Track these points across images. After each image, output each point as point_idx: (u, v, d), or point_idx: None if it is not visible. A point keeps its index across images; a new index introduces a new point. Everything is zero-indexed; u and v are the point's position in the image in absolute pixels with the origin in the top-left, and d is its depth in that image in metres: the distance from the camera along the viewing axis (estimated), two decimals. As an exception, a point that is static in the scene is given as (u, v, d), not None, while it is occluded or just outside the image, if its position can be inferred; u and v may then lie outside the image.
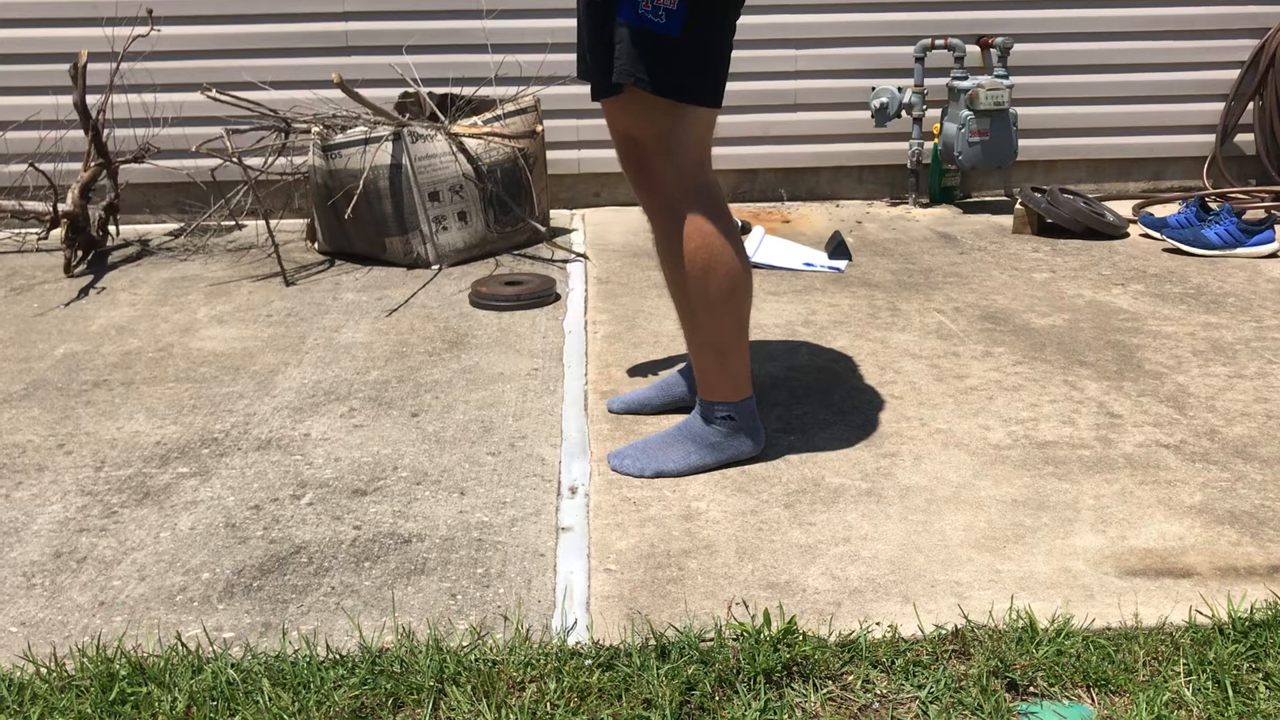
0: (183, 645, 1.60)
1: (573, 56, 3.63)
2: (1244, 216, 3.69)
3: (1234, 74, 4.44)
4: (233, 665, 1.54)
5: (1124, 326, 2.94)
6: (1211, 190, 4.36)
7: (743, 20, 4.23)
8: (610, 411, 2.42)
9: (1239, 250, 3.57)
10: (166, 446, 2.31)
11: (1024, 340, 2.84)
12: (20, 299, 3.38)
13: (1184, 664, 1.53)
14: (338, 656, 1.57)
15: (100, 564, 1.85)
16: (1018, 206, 3.99)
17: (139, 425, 2.42)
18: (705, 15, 1.90)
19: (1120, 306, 3.11)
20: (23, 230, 4.05)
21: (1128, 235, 3.89)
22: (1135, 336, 2.86)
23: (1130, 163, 4.58)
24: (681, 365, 2.45)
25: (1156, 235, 3.77)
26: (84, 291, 3.45)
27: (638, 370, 2.66)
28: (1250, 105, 4.46)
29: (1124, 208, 4.22)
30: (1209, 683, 1.50)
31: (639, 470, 2.13)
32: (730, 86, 4.32)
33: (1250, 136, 4.50)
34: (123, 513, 2.03)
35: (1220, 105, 4.48)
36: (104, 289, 3.48)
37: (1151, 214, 3.94)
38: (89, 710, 1.45)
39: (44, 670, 1.54)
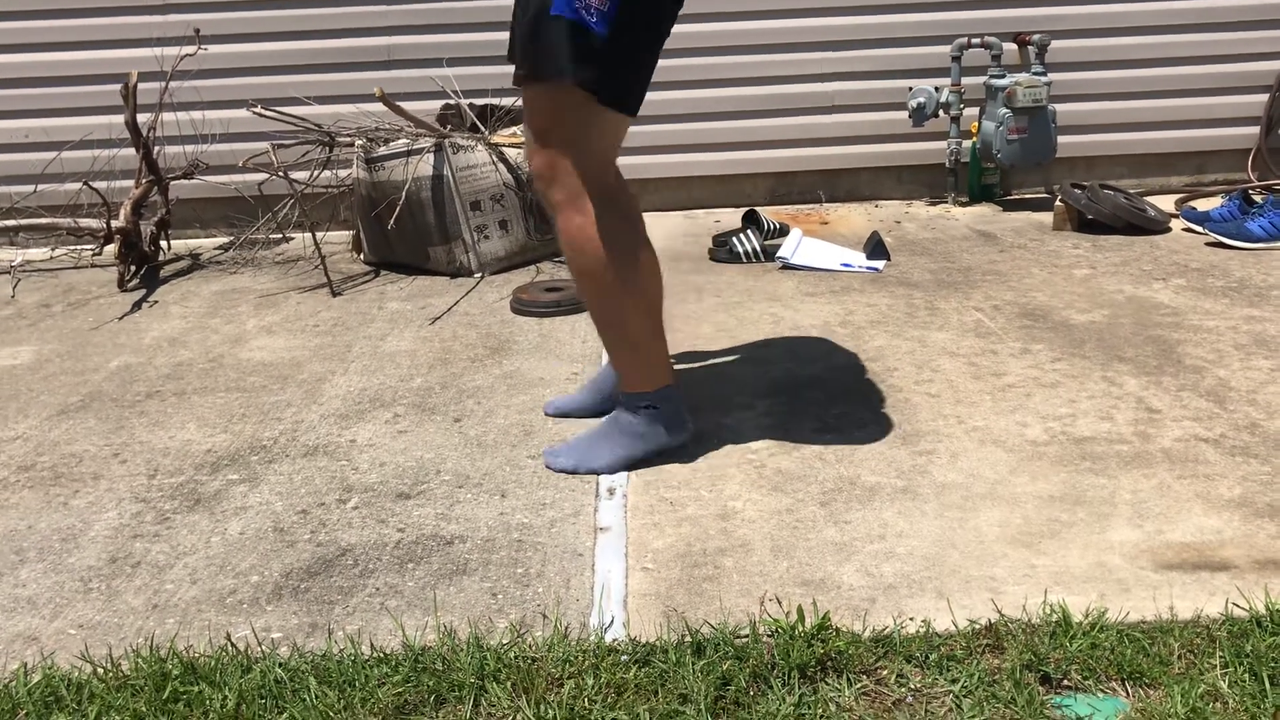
0: (233, 645, 1.65)
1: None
2: (1289, 208, 3.65)
3: (1277, 64, 4.39)
4: (281, 664, 1.59)
5: (1164, 321, 2.93)
6: (1256, 183, 4.31)
7: (781, 24, 4.32)
8: (546, 414, 2.48)
9: (1284, 243, 3.54)
10: (217, 454, 2.38)
11: (1063, 337, 2.84)
12: (76, 313, 3.48)
13: (1220, 656, 1.53)
14: (382, 655, 1.61)
15: (154, 568, 1.91)
16: (1057, 203, 3.97)
17: (190, 434, 2.49)
18: (636, 20, 1.95)
19: (1161, 301, 3.09)
20: (78, 246, 4.16)
21: (1170, 230, 3.86)
22: (1176, 331, 2.85)
23: (1172, 157, 4.54)
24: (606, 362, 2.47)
25: (1199, 229, 3.74)
26: (137, 305, 3.54)
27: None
28: (1295, 96, 4.41)
29: (1166, 202, 4.18)
30: (1245, 675, 1.50)
31: (571, 466, 2.20)
32: (769, 90, 4.39)
33: (1296, 127, 4.45)
34: (175, 519, 2.09)
35: (1264, 97, 4.42)
36: (156, 302, 3.57)
37: (1194, 208, 3.91)
38: (143, 708, 1.51)
39: (101, 670, 1.60)
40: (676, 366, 2.74)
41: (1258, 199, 3.74)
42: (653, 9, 1.99)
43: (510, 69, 2.09)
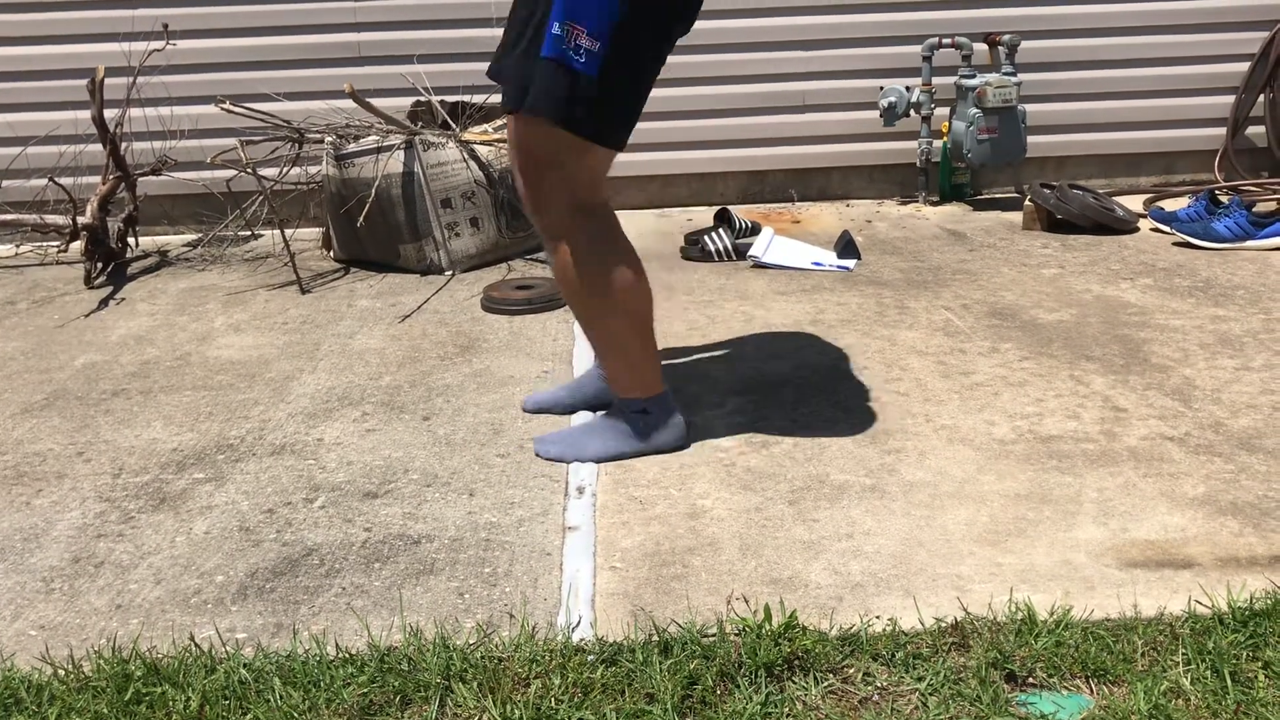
0: (196, 646, 1.64)
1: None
2: (1255, 209, 3.68)
3: (1244, 66, 4.43)
4: (245, 665, 1.57)
5: (1131, 321, 2.95)
6: (1223, 183, 4.35)
7: (752, 23, 4.32)
8: (524, 409, 2.50)
9: (1249, 243, 3.57)
10: (183, 453, 2.36)
11: (1031, 336, 2.85)
12: (41, 311, 3.44)
13: (1183, 653, 1.55)
14: (347, 655, 1.60)
15: (117, 568, 1.89)
16: (1027, 203, 3.99)
17: (156, 433, 2.47)
18: (626, 59, 1.96)
19: (1128, 301, 3.12)
20: (44, 243, 4.11)
21: (1138, 230, 3.89)
22: (1143, 330, 2.87)
23: (1141, 157, 4.57)
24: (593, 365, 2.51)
25: (1166, 229, 3.77)
26: (103, 302, 3.51)
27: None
28: (1261, 97, 4.45)
29: (1135, 202, 4.21)
30: (1208, 672, 1.51)
31: (559, 455, 2.23)
32: (740, 89, 4.39)
33: (1262, 129, 4.49)
34: (140, 518, 2.07)
35: (1231, 98, 4.46)
36: (123, 300, 3.54)
37: (1161, 208, 3.94)
38: (105, 710, 1.49)
39: (62, 672, 1.58)
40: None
41: (1224, 199, 3.78)
42: (644, 48, 2.00)
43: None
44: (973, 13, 4.37)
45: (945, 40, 4.28)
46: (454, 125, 3.83)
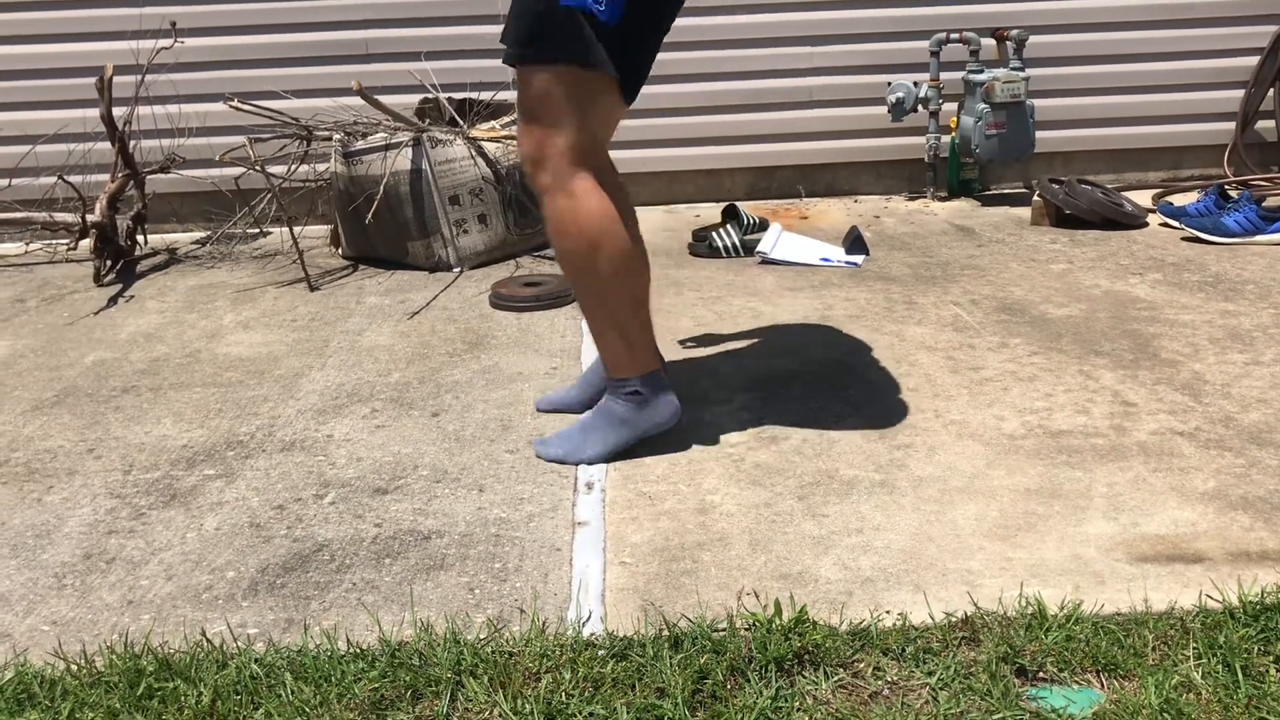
0: (208, 641, 1.65)
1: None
2: (1264, 204, 3.67)
3: (1253, 61, 4.42)
4: (256, 660, 1.58)
5: (1141, 316, 2.94)
6: (1232, 178, 4.34)
7: (759, 19, 4.32)
8: (537, 410, 2.48)
9: (1258, 238, 3.56)
10: (193, 450, 2.36)
11: (1040, 331, 2.85)
12: (51, 308, 3.45)
13: (1194, 648, 1.55)
14: (358, 650, 1.60)
15: (129, 564, 1.90)
16: (1035, 198, 3.99)
17: (166, 429, 2.47)
18: (641, 12, 2.01)
19: (1137, 296, 3.11)
20: (53, 241, 4.13)
21: (1146, 225, 3.88)
22: (1152, 325, 2.86)
23: (1149, 152, 4.56)
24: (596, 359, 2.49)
25: (1175, 224, 3.75)
26: (113, 300, 3.52)
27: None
28: (1270, 91, 4.43)
29: (1143, 197, 4.20)
30: (1219, 666, 1.51)
31: (562, 456, 2.22)
32: (747, 85, 4.39)
33: (1271, 123, 4.48)
34: (150, 514, 2.08)
35: (1240, 92, 4.45)
36: (132, 297, 3.55)
37: (1170, 203, 3.93)
38: (117, 705, 1.50)
39: (74, 667, 1.59)
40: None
41: (1233, 194, 3.77)
42: (657, 5, 2.05)
43: (497, 63, 2.09)
44: (981, 8, 4.36)
45: (953, 35, 4.27)
46: (461, 122, 3.83)
